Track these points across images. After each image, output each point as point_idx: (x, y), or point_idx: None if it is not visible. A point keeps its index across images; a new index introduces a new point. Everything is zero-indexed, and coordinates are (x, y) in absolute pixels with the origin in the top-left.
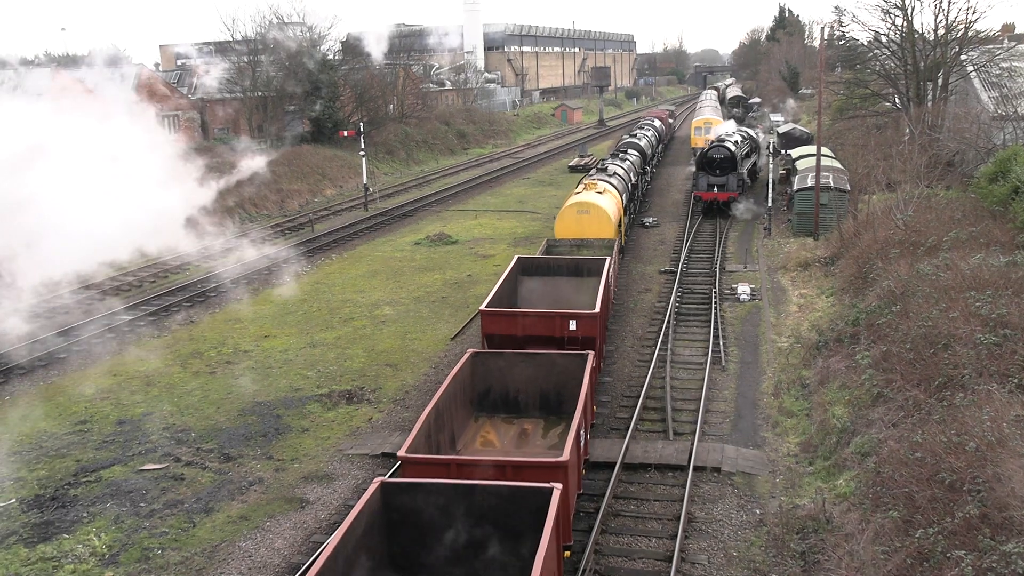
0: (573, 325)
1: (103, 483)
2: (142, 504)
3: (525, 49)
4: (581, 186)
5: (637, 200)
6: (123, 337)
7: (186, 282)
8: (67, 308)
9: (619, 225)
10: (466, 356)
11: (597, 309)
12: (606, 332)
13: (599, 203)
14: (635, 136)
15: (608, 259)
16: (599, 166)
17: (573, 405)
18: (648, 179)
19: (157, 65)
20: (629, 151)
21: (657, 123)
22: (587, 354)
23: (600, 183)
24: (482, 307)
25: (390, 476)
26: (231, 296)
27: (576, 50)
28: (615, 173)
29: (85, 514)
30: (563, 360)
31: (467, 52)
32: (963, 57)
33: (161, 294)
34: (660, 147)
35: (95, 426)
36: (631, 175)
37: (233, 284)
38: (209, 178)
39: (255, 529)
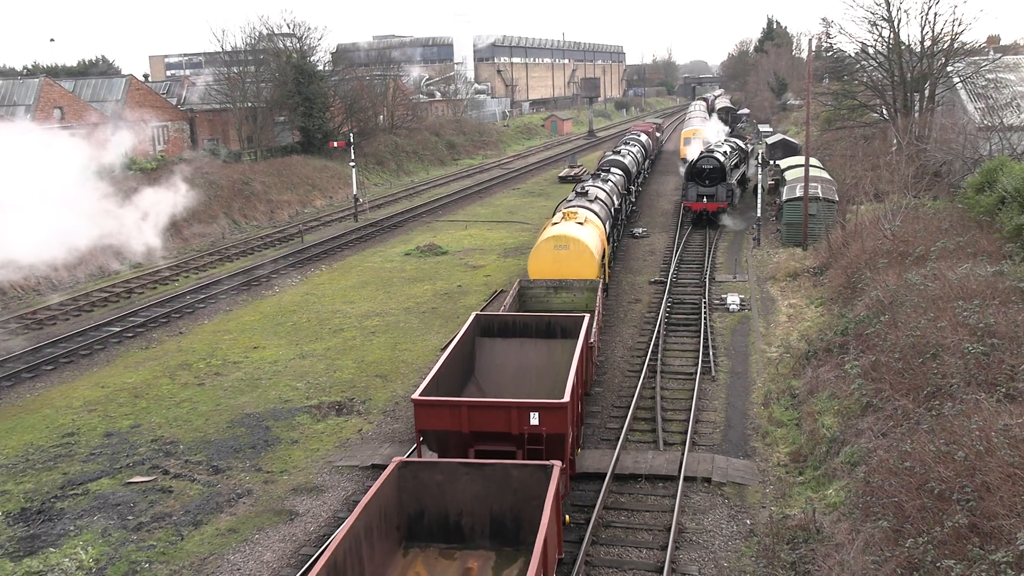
0: (535, 419)
1: (90, 496)
2: (129, 517)
3: (515, 60)
4: (559, 215)
5: (621, 225)
6: (111, 348)
7: (174, 293)
8: (53, 318)
9: (603, 261)
10: (391, 467)
11: (566, 397)
12: (582, 423)
13: (580, 236)
14: (619, 153)
15: (587, 317)
16: (578, 189)
17: (534, 532)
18: (633, 199)
19: (147, 76)
20: (612, 170)
21: (643, 138)
22: (552, 466)
23: (580, 211)
24: (415, 395)
25: None
26: (220, 307)
27: (566, 61)
28: (596, 198)
29: (72, 527)
30: (520, 473)
31: (457, 63)
32: (949, 68)
33: (149, 305)
34: (647, 163)
35: (82, 438)
36: (614, 198)
37: (222, 295)
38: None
39: (244, 542)
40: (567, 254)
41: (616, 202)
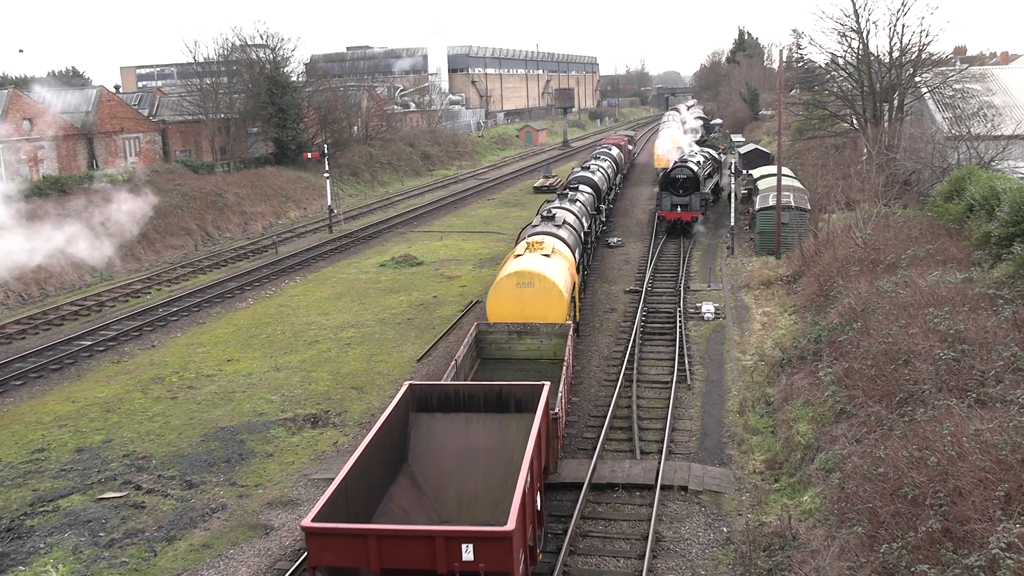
0: (469, 552)
1: (61, 513)
2: (101, 534)
3: (489, 71)
4: (522, 244)
5: (591, 249)
6: (81, 363)
7: (147, 305)
8: (22, 332)
9: (572, 297)
10: None
11: (511, 522)
12: (542, 524)
13: (546, 272)
14: (588, 168)
15: (546, 387)
16: (544, 212)
17: None
18: (604, 219)
19: (118, 87)
20: (581, 188)
21: (615, 151)
22: None
23: (547, 239)
24: (306, 519)
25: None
26: (193, 320)
27: (540, 72)
28: (564, 222)
29: (42, 545)
30: None
31: (431, 74)
32: (917, 79)
33: (120, 318)
34: (618, 177)
35: (52, 454)
36: (583, 220)
37: (195, 308)
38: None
39: (218, 557)
40: (531, 293)
41: (586, 224)
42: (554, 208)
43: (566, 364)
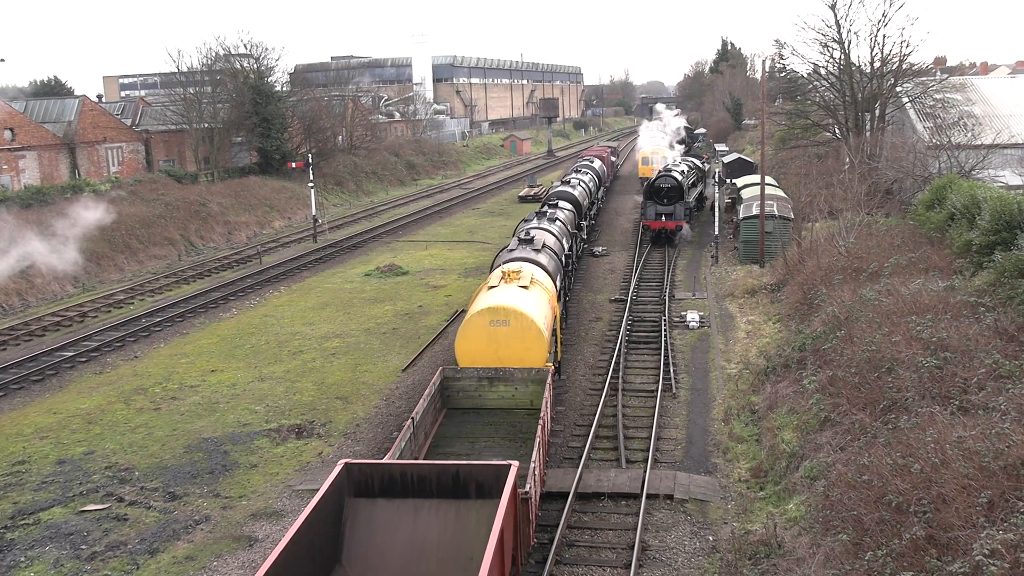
0: None
1: (42, 525)
2: (83, 546)
3: (474, 81)
4: (496, 274)
5: (571, 273)
6: (63, 374)
7: (129, 316)
8: (3, 343)
9: (553, 332)
10: None
11: None
12: None
13: (524, 308)
14: (568, 183)
15: (514, 468)
16: (522, 234)
17: None
18: (585, 236)
19: (100, 96)
20: (561, 205)
21: (596, 164)
22: None
23: (525, 267)
24: None
25: None
26: (176, 330)
27: (524, 82)
28: (544, 245)
29: (23, 558)
30: None
31: (416, 83)
32: (898, 89)
33: (103, 329)
34: (601, 191)
35: (33, 466)
36: (564, 241)
37: (179, 318)
38: None
39: (201, 569)
40: (507, 332)
41: (567, 245)
42: (532, 229)
43: (542, 421)
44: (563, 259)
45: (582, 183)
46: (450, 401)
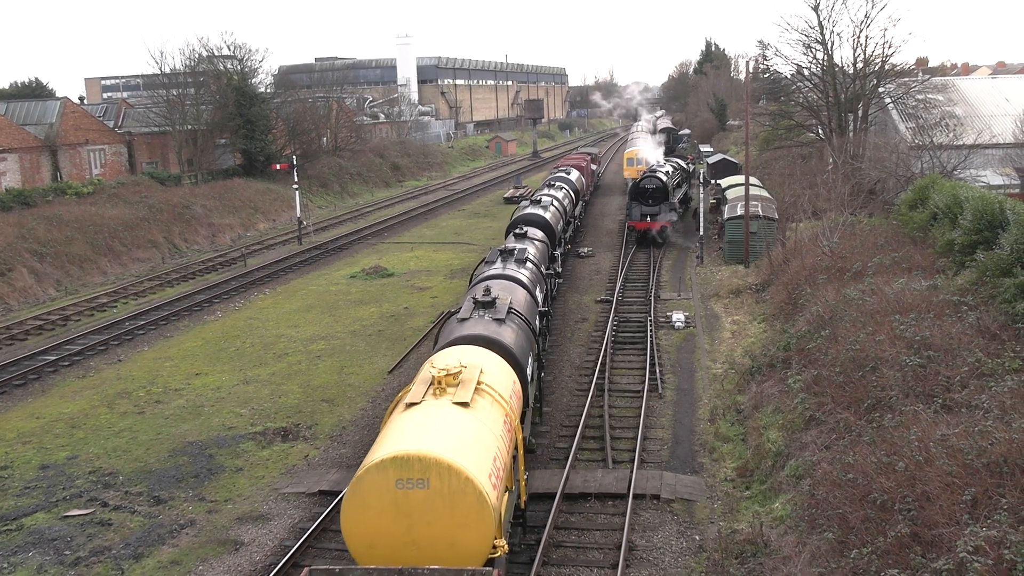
0: None
1: (25, 531)
2: (67, 552)
3: (459, 82)
4: (424, 376)
5: (545, 331)
6: (46, 378)
7: (112, 319)
8: None
9: (515, 455)
10: None
11: None
12: None
13: (455, 455)
14: (539, 202)
15: (495, 574)
16: (478, 294)
17: None
18: (560, 268)
19: (82, 98)
20: (530, 235)
21: (574, 175)
22: None
23: (471, 359)
24: None
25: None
26: (160, 333)
27: (509, 83)
28: (510, 310)
29: (5, 564)
30: None
31: (401, 85)
32: (881, 89)
33: (86, 332)
34: (579, 208)
35: (16, 471)
36: (537, 290)
37: (162, 321)
38: None
39: (187, 574)
40: (424, 500)
41: (540, 297)
42: (495, 282)
43: None
44: (535, 320)
45: (555, 202)
46: None
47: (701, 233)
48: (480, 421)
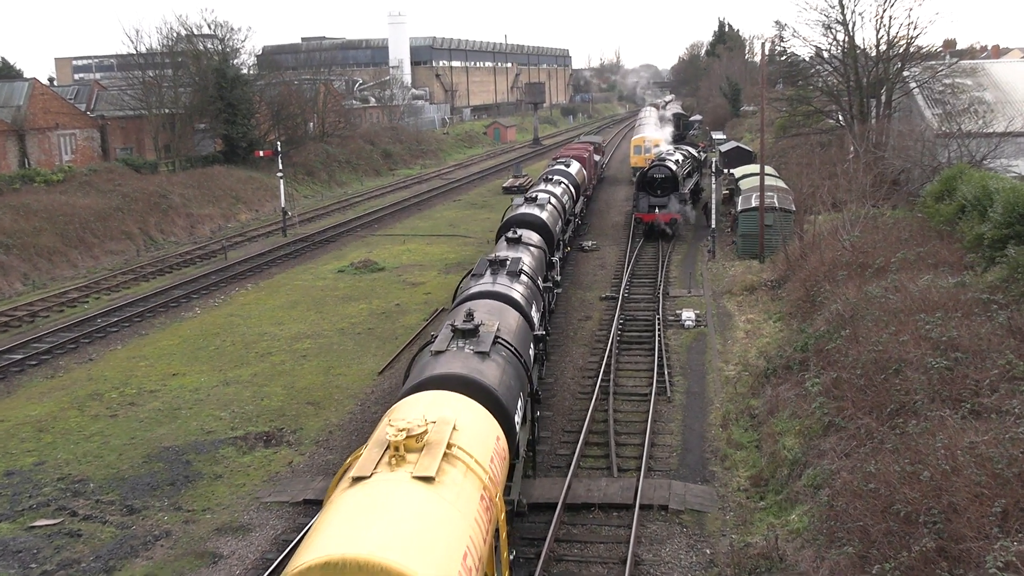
0: None
1: None
2: (33, 565)
3: (455, 64)
4: (380, 438)
5: (542, 360)
6: (11, 378)
7: (84, 316)
8: None
9: (496, 539)
10: None
11: None
12: None
13: (407, 565)
14: (535, 201)
15: None
16: (459, 320)
17: None
18: (558, 276)
19: (52, 79)
20: (524, 239)
21: (574, 168)
22: None
23: (439, 403)
24: None
25: None
26: (135, 331)
27: (509, 65)
28: (497, 339)
29: None
30: None
31: (393, 67)
32: (905, 73)
33: (55, 330)
34: (580, 205)
35: None
36: (533, 308)
37: (137, 318)
38: None
39: None
40: None
41: (537, 316)
42: (481, 303)
43: None
44: (528, 352)
45: (553, 199)
46: None
47: (713, 226)
48: (448, 502)
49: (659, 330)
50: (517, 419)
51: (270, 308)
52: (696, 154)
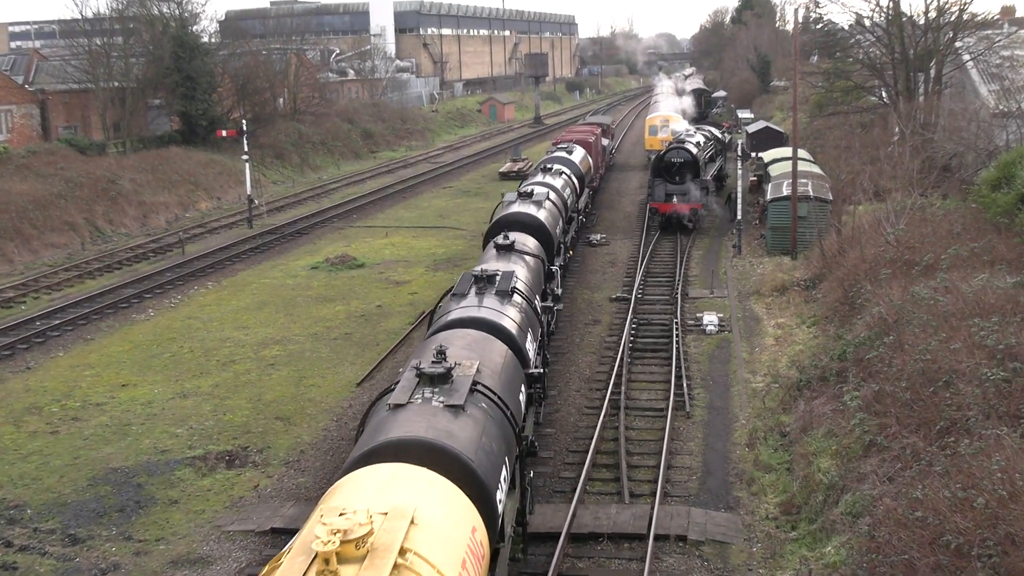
0: None
1: None
2: None
3: (445, 32)
4: (303, 542)
5: (541, 397)
6: None
7: (20, 318)
8: None
9: None
10: None
11: None
12: None
13: None
14: (531, 197)
15: None
16: (426, 363)
17: None
18: (559, 289)
19: None
20: (518, 245)
21: (578, 155)
22: None
23: (393, 487)
24: None
25: None
26: (79, 335)
27: (507, 33)
28: (476, 386)
29: None
30: None
31: (374, 35)
32: (958, 44)
33: None
34: (586, 197)
35: None
36: (528, 335)
37: (82, 320)
38: None
39: None
40: None
41: (533, 340)
42: (459, 333)
43: None
44: (519, 398)
45: (552, 194)
46: None
47: (739, 217)
48: None
49: (677, 336)
50: (500, 496)
51: (233, 310)
52: (720, 135)
